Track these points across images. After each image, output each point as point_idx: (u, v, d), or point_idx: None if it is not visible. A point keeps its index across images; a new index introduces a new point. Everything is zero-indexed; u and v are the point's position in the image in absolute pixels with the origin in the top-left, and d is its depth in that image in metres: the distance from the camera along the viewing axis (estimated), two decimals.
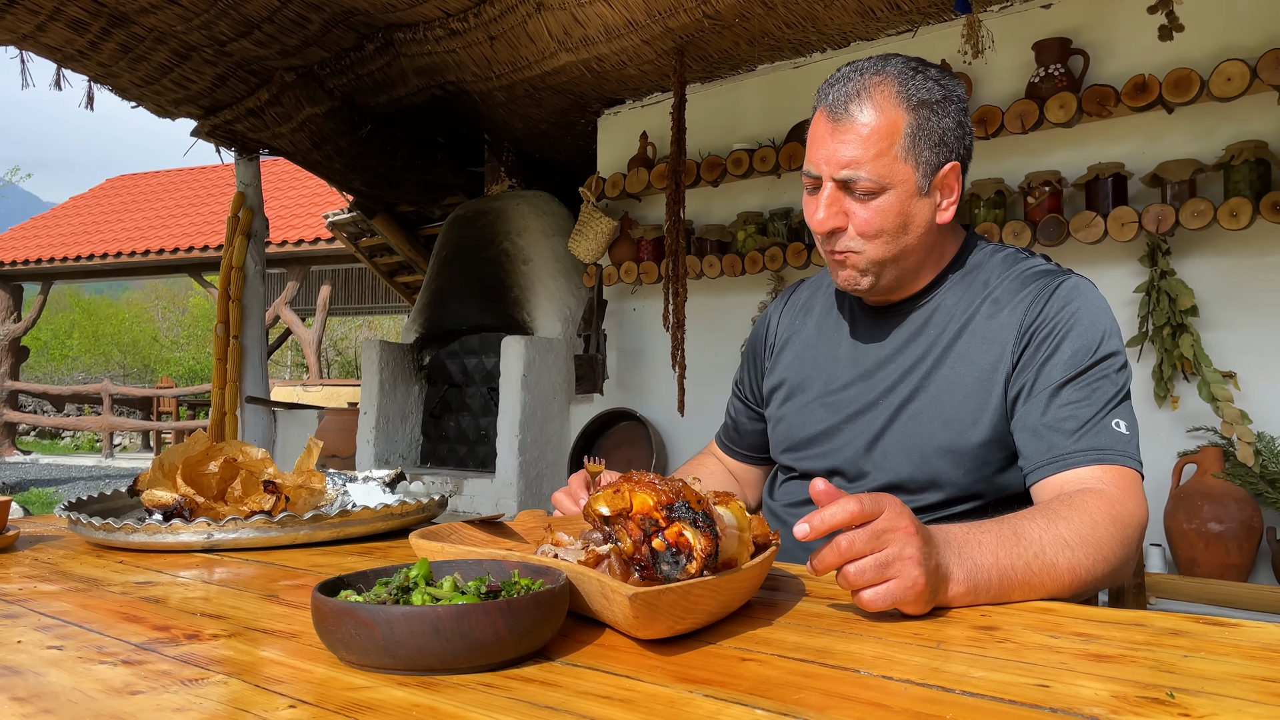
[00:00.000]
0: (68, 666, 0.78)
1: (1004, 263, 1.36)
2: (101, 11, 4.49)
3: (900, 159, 1.24)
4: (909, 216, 1.26)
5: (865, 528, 0.89)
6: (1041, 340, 1.25)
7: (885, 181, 1.24)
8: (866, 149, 1.23)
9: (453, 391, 5.78)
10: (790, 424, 1.45)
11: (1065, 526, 1.04)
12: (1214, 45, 3.33)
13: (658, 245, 4.83)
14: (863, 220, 1.26)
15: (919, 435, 1.30)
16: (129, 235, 13.55)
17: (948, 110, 1.26)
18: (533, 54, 4.50)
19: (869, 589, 0.89)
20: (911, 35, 4.10)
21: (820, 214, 1.27)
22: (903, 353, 1.36)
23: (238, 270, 6.02)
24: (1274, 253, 3.26)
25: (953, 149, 1.28)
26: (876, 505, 0.90)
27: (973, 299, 1.34)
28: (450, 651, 0.73)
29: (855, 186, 1.24)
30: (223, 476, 1.50)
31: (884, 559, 0.89)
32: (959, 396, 1.29)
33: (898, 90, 1.24)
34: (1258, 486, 3.09)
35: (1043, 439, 1.20)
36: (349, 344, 25.34)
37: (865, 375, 1.38)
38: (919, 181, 1.25)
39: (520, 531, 1.22)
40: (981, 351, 1.29)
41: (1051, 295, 1.27)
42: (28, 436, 16.70)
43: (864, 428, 1.36)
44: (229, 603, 1.02)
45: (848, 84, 1.25)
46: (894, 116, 1.23)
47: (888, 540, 0.89)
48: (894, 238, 1.27)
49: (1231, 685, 0.71)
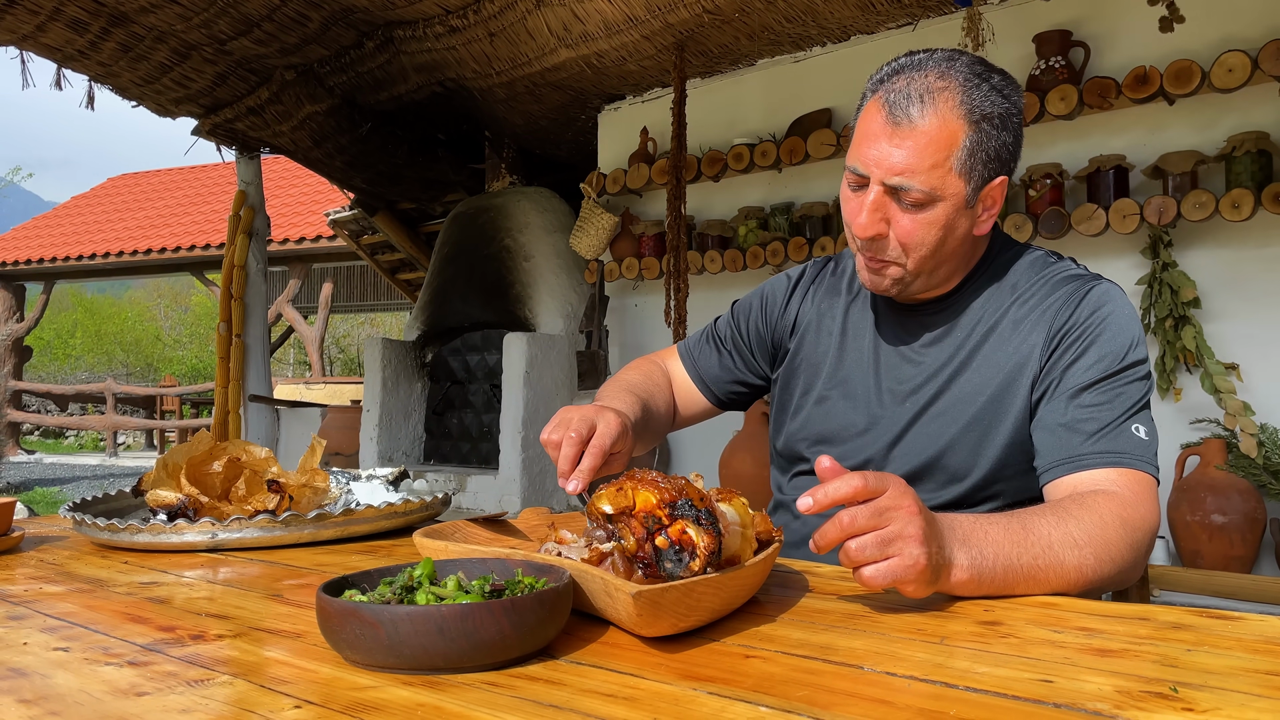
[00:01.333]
0: (74, 668, 0.78)
1: (1033, 266, 1.34)
2: (101, 11, 4.49)
3: (954, 172, 1.19)
4: (950, 229, 1.23)
5: (868, 504, 0.89)
6: (1070, 344, 1.23)
7: (937, 194, 1.19)
8: (923, 159, 1.18)
9: (455, 388, 5.79)
10: (811, 418, 1.43)
11: (1075, 525, 1.04)
12: (1215, 36, 3.32)
13: (659, 241, 4.83)
14: (906, 230, 1.22)
15: (941, 437, 1.29)
16: (131, 234, 13.56)
17: (1008, 125, 1.22)
18: (533, 50, 4.50)
19: (869, 565, 0.89)
20: (912, 28, 4.09)
21: (863, 218, 1.22)
22: (929, 353, 1.34)
23: (240, 268, 6.03)
24: (1276, 244, 3.25)
25: (1005, 163, 1.24)
26: (881, 483, 0.90)
27: (1001, 302, 1.31)
28: (455, 651, 0.73)
29: (905, 195, 1.20)
30: (226, 476, 1.51)
31: (886, 536, 0.88)
32: (983, 400, 1.28)
33: (961, 100, 1.19)
34: (1261, 478, 3.09)
35: (1060, 439, 1.19)
36: (351, 341, 25.36)
37: (890, 373, 1.36)
38: (968, 195, 1.22)
39: (524, 529, 1.22)
40: (1008, 355, 1.28)
41: (1082, 300, 1.25)
42: (32, 436, 16.73)
43: (887, 427, 1.34)
44: (234, 603, 1.02)
45: (910, 83, 1.20)
46: (955, 128, 1.18)
47: (890, 518, 0.89)
48: (932, 249, 1.24)
49: (1235, 679, 0.71)
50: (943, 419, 1.30)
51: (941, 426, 1.30)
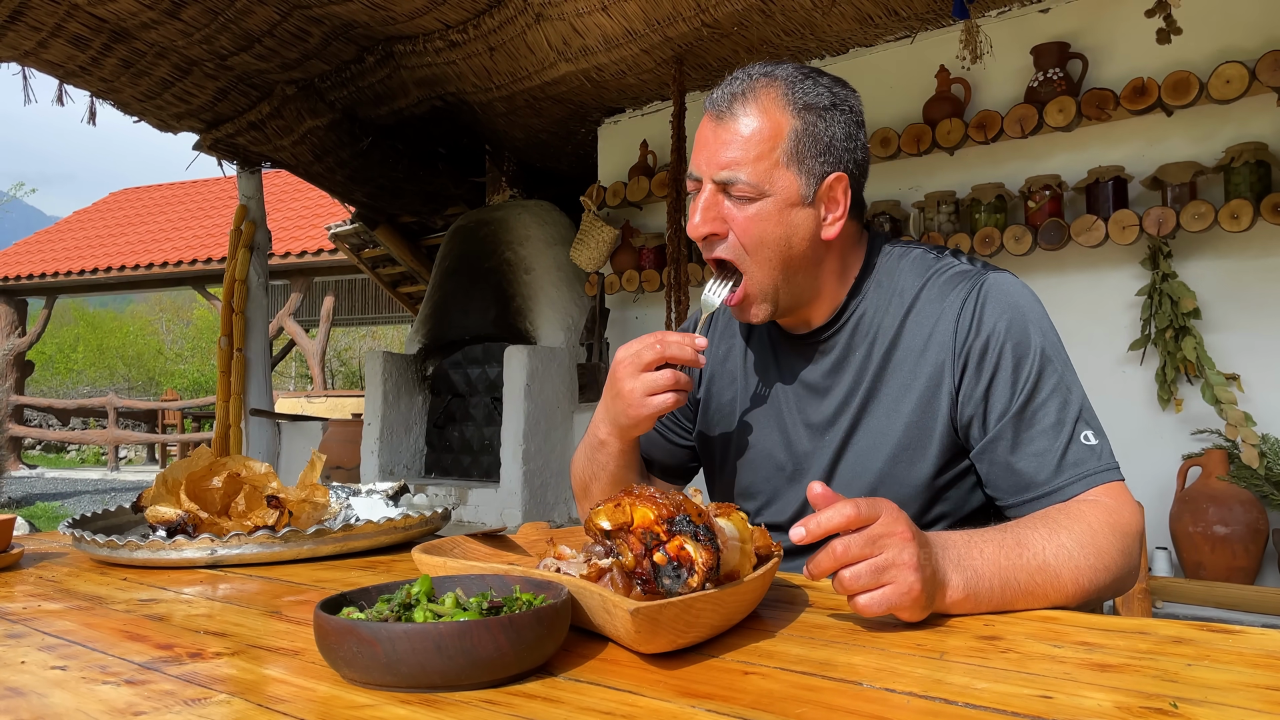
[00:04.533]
0: (71, 687, 0.78)
1: (916, 267, 1.27)
2: (103, 28, 4.51)
3: (782, 164, 1.18)
4: (791, 227, 1.19)
5: (861, 532, 0.89)
6: (979, 361, 1.19)
7: (764, 186, 1.17)
8: (747, 151, 1.17)
9: (456, 401, 5.79)
10: (738, 470, 1.38)
11: (1067, 536, 1.03)
12: (1213, 47, 3.33)
13: (659, 253, 4.84)
14: (742, 226, 1.19)
15: (867, 472, 1.25)
16: (132, 249, 13.59)
17: (836, 118, 1.20)
18: (532, 64, 4.52)
19: (864, 594, 0.89)
20: (910, 41, 4.10)
21: (696, 217, 1.20)
22: (834, 382, 1.29)
23: (241, 282, 6.04)
24: (1275, 254, 3.25)
25: (840, 160, 1.21)
26: (873, 510, 0.90)
27: (894, 312, 1.26)
28: (453, 669, 0.73)
29: (733, 190, 1.18)
30: (226, 491, 1.50)
31: (880, 564, 0.88)
32: (899, 426, 1.23)
33: (784, 93, 1.18)
34: (1263, 489, 3.09)
35: (1021, 477, 1.16)
36: (353, 354, 25.37)
37: (801, 407, 1.31)
38: (802, 190, 1.19)
39: (522, 544, 1.22)
40: (915, 373, 1.23)
41: (977, 305, 1.20)
42: (33, 450, 16.73)
43: (814, 464, 1.30)
44: (232, 620, 1.02)
45: (734, 85, 1.20)
46: (778, 120, 1.18)
47: (884, 545, 0.89)
48: (776, 252, 1.20)
49: (1235, 694, 0.71)
50: (867, 452, 1.25)
51: (866, 460, 1.25)
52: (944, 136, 3.77)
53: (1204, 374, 3.23)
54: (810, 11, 3.87)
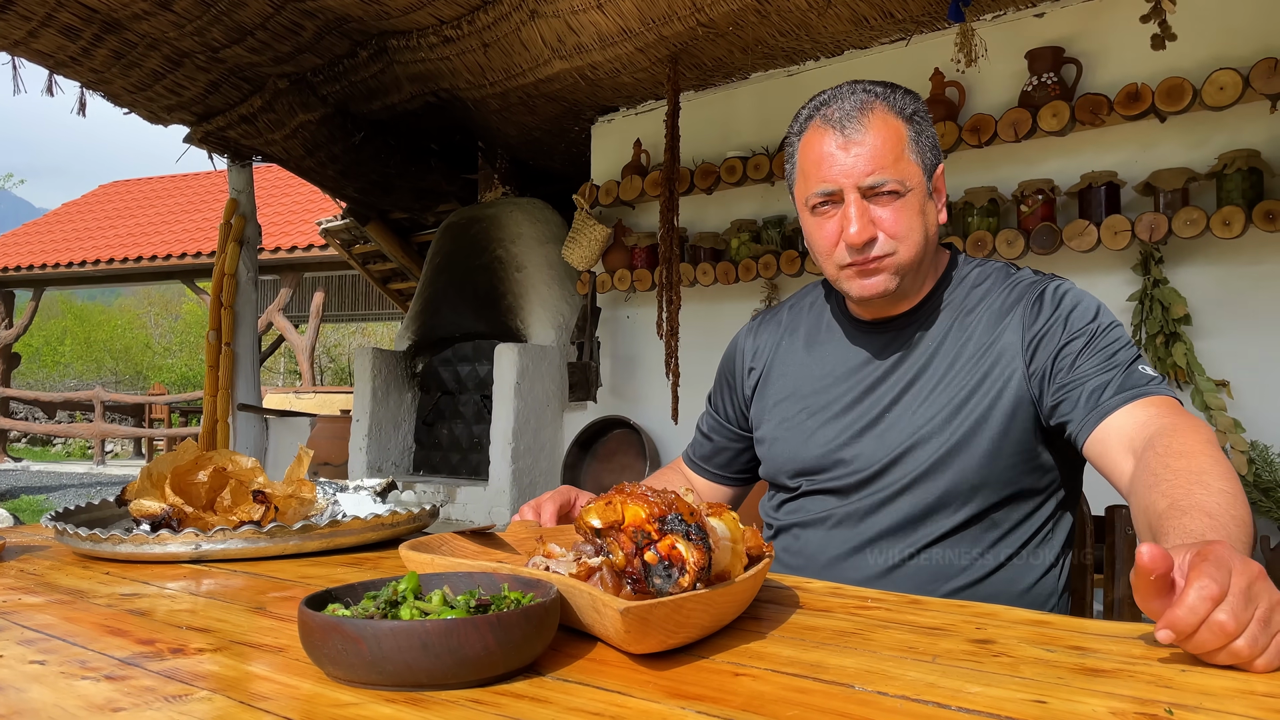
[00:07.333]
0: (49, 682, 0.77)
1: (994, 277, 1.40)
2: (94, 18, 4.48)
3: (911, 160, 1.31)
4: (926, 216, 1.33)
5: (1233, 595, 0.76)
6: (1045, 336, 1.29)
7: (906, 182, 1.29)
8: (885, 155, 1.28)
9: (446, 399, 5.77)
10: (791, 446, 1.44)
11: (1211, 478, 1.01)
12: (1206, 54, 3.34)
13: (651, 253, 4.83)
14: (892, 222, 1.30)
15: (926, 450, 1.31)
16: (122, 241, 13.51)
17: (927, 120, 1.36)
18: (526, 61, 4.50)
19: (1263, 655, 0.76)
20: (905, 44, 4.10)
21: (854, 226, 1.29)
22: (901, 367, 1.38)
23: (230, 277, 6.01)
24: (1267, 261, 3.26)
25: (937, 154, 1.37)
26: (1220, 566, 0.77)
27: (968, 310, 1.37)
28: (439, 667, 0.72)
29: (881, 190, 1.29)
30: (212, 486, 1.49)
31: (1263, 616, 0.76)
32: (960, 406, 1.31)
33: (889, 105, 1.32)
34: (1251, 495, 3.09)
35: (1084, 393, 1.23)
36: (342, 351, 25.28)
37: (868, 392, 1.39)
38: (926, 183, 1.33)
39: (512, 543, 1.21)
40: (983, 364, 1.32)
41: (1041, 296, 1.33)
42: (19, 443, 16.62)
43: (871, 445, 1.35)
44: (216, 615, 1.01)
45: (844, 103, 1.32)
46: (895, 125, 1.31)
47: (1257, 593, 0.77)
48: (921, 236, 1.32)
49: (1230, 700, 0.70)
50: (927, 430, 1.31)
51: (927, 440, 1.31)
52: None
53: (1194, 380, 3.24)
54: (806, 12, 3.87)
